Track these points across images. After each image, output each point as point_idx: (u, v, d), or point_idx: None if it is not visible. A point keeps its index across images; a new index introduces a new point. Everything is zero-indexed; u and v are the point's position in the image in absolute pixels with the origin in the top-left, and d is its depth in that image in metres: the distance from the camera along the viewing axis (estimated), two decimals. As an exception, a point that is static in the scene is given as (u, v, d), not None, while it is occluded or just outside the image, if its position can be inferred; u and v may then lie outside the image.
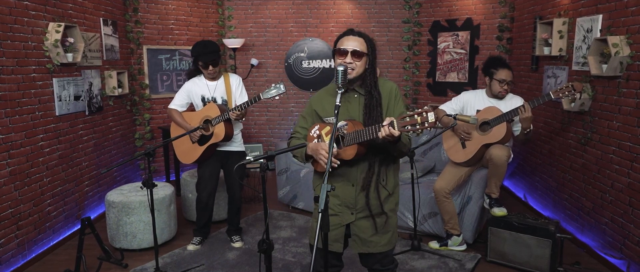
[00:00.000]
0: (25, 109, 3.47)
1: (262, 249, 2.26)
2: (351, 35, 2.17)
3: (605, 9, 3.33)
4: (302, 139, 2.30)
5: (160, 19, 5.47)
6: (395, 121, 1.86)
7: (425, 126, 1.78)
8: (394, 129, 1.85)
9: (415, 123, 1.80)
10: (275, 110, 6.33)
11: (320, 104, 2.29)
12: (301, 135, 2.32)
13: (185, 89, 3.69)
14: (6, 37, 3.27)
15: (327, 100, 2.27)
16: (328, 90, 2.32)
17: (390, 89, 2.22)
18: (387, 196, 2.23)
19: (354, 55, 2.12)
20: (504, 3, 5.25)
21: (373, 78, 2.19)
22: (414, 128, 1.81)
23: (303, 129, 2.33)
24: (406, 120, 1.83)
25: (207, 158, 3.67)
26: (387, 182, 2.23)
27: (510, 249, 3.35)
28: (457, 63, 5.74)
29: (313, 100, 2.33)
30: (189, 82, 3.69)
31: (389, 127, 1.86)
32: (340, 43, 2.17)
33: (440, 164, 4.51)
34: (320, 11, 6.12)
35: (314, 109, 2.31)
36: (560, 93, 3.25)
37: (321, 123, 2.24)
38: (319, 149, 2.10)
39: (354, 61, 2.12)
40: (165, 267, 3.41)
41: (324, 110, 2.27)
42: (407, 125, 1.82)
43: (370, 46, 2.18)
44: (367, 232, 2.23)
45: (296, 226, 4.22)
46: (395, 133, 1.85)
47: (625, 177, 3.13)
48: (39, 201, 3.63)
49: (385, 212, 2.24)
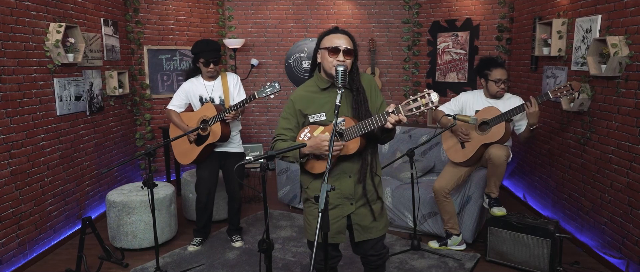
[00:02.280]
0: (26, 109, 3.48)
1: (262, 249, 2.26)
2: (339, 33, 2.19)
3: (605, 9, 3.34)
4: (288, 141, 2.25)
5: (161, 19, 5.48)
6: (400, 107, 1.96)
7: (429, 107, 1.91)
8: (401, 114, 1.96)
9: (420, 106, 1.93)
10: (276, 110, 6.34)
11: (304, 103, 2.24)
12: (287, 136, 2.26)
13: (183, 90, 3.70)
14: (7, 38, 3.28)
15: (312, 98, 2.24)
16: (308, 87, 2.29)
17: (369, 81, 2.30)
18: (379, 182, 2.32)
19: (346, 53, 2.15)
20: (504, 3, 5.26)
21: (357, 74, 2.24)
22: (420, 110, 1.93)
23: (288, 130, 2.27)
24: (410, 104, 1.95)
25: (205, 159, 3.67)
26: (377, 169, 2.33)
27: (510, 249, 3.36)
28: (457, 63, 5.75)
29: (295, 99, 2.27)
30: (187, 83, 3.69)
31: (397, 114, 1.96)
32: (329, 41, 2.17)
33: (440, 164, 4.51)
34: (320, 11, 6.13)
35: (297, 108, 2.25)
36: (559, 92, 3.26)
37: (311, 125, 2.23)
38: (319, 142, 2.09)
39: (346, 59, 2.14)
40: (165, 266, 3.42)
41: (309, 108, 2.24)
42: (413, 108, 1.95)
43: (355, 44, 2.23)
44: (367, 219, 2.28)
45: (296, 226, 4.23)
46: (403, 119, 1.96)
47: (624, 177, 3.14)
48: (40, 200, 3.64)
49: (380, 198, 2.34)
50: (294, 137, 2.27)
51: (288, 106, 2.29)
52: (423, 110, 1.92)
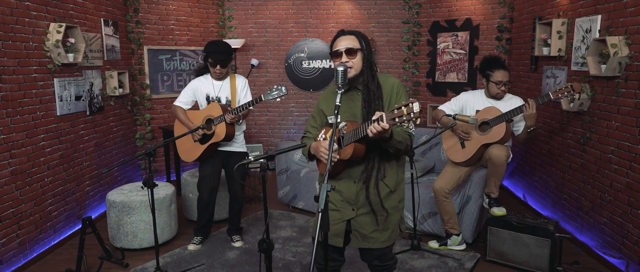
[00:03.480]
0: (27, 109, 3.49)
1: (263, 249, 2.27)
2: (342, 36, 2.21)
3: (604, 9, 3.34)
4: (312, 139, 2.34)
5: (161, 19, 5.48)
6: (384, 115, 1.84)
7: (411, 117, 1.77)
8: (383, 122, 1.83)
9: (402, 114, 1.78)
10: (276, 110, 6.34)
11: (325, 103, 2.35)
12: (312, 134, 2.37)
13: (191, 87, 3.72)
14: (7, 38, 3.29)
15: (331, 99, 2.31)
16: (333, 89, 2.33)
17: (392, 84, 2.22)
18: (388, 193, 2.22)
19: (348, 53, 2.15)
20: (503, 3, 5.26)
21: (370, 72, 2.20)
22: (401, 120, 1.79)
23: (314, 128, 2.38)
24: (394, 113, 1.82)
25: (208, 157, 3.69)
26: (387, 178, 2.22)
27: (510, 249, 3.36)
28: (457, 63, 5.76)
29: (320, 99, 2.39)
30: (195, 80, 3.72)
31: (378, 121, 1.84)
32: (334, 46, 2.21)
33: (440, 164, 4.52)
34: (320, 11, 6.13)
35: (320, 108, 2.36)
36: (560, 93, 3.26)
37: (327, 127, 2.29)
38: (319, 148, 2.15)
39: (350, 59, 2.15)
40: (165, 266, 3.42)
41: (329, 109, 2.31)
42: (395, 117, 1.81)
43: (363, 41, 2.20)
44: (368, 227, 2.24)
45: (296, 226, 4.23)
46: (385, 126, 1.83)
47: (624, 177, 3.14)
48: (40, 200, 3.64)
49: (386, 209, 2.23)
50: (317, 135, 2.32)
51: (316, 105, 2.41)
52: (404, 120, 1.78)
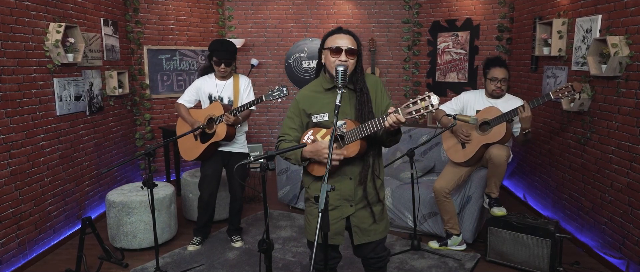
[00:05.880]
0: (26, 109, 3.48)
1: (262, 249, 2.26)
2: (342, 33, 2.19)
3: (605, 9, 3.34)
4: (292, 141, 2.26)
5: (161, 19, 5.48)
6: (400, 110, 1.93)
7: (429, 109, 1.86)
8: (400, 115, 1.92)
9: (420, 108, 1.88)
10: (276, 110, 6.34)
11: (308, 102, 2.25)
12: (291, 136, 2.27)
13: (194, 86, 3.73)
14: (7, 38, 3.28)
15: (316, 97, 2.25)
16: (313, 87, 2.29)
17: (375, 82, 2.28)
18: (380, 185, 2.31)
19: (348, 53, 2.14)
20: (504, 3, 5.26)
21: (362, 75, 2.23)
22: (419, 113, 1.89)
23: (292, 130, 2.27)
24: (410, 107, 1.91)
25: (209, 157, 3.69)
26: (380, 172, 2.31)
27: (510, 249, 3.35)
28: (457, 63, 5.75)
29: (299, 99, 2.28)
30: (199, 79, 3.73)
31: (395, 114, 1.93)
32: (333, 41, 2.17)
33: (440, 164, 4.51)
34: (320, 11, 6.13)
35: (301, 107, 2.26)
36: (560, 93, 3.26)
37: (314, 128, 2.24)
38: (319, 149, 2.11)
39: (349, 59, 2.14)
40: (165, 266, 3.42)
41: (313, 108, 2.24)
42: (412, 111, 1.90)
43: (359, 44, 2.22)
44: (367, 221, 2.27)
45: (296, 226, 4.23)
46: (402, 119, 1.92)
47: (624, 177, 3.14)
48: (40, 200, 3.64)
49: (381, 201, 2.31)
50: (297, 137, 2.27)
51: (293, 105, 2.30)
52: (423, 113, 1.88)
